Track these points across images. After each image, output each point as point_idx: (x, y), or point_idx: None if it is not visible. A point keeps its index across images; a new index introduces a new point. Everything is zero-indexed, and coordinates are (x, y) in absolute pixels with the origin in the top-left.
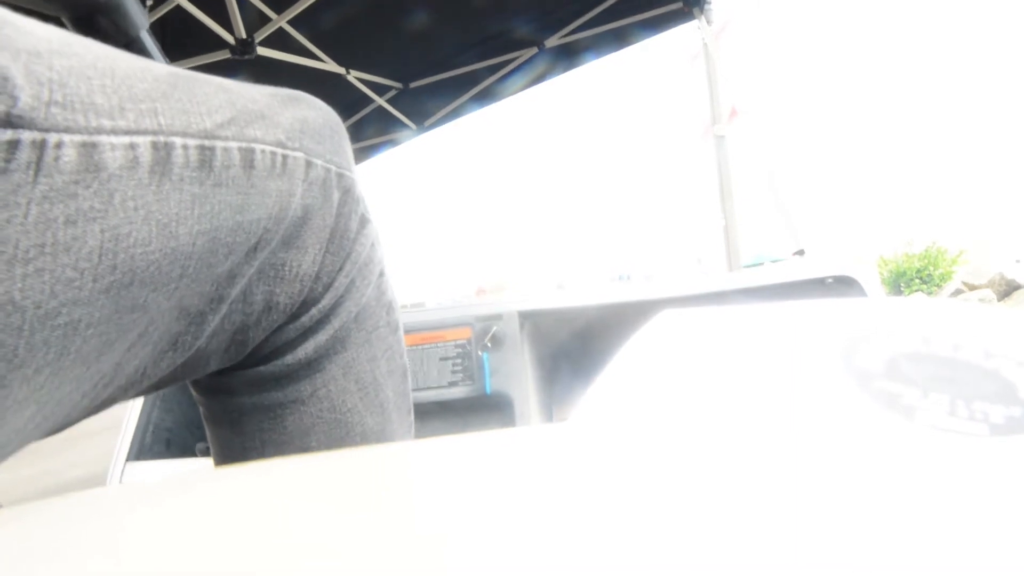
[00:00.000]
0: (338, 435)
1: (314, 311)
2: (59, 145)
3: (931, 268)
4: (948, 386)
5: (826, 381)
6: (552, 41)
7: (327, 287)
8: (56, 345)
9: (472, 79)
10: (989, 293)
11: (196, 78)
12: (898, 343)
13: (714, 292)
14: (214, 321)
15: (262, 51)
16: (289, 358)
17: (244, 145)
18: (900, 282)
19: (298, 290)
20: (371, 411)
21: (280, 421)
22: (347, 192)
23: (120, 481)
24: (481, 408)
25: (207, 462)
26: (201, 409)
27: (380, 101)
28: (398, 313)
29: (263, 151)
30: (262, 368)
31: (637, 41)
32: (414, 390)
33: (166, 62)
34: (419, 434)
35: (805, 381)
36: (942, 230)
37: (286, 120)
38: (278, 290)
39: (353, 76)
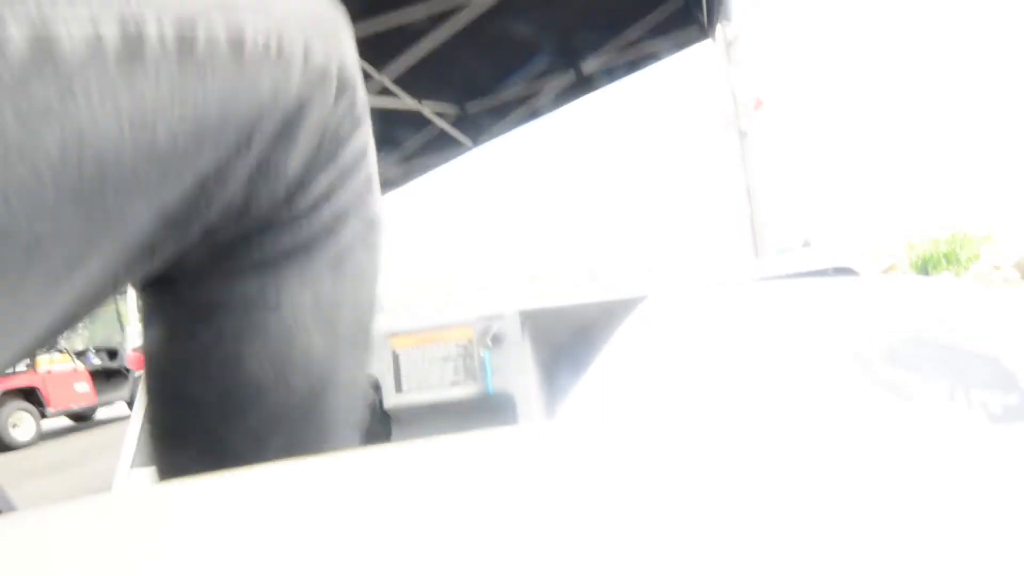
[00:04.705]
0: (274, 348)
1: (283, 211)
2: (3, 27)
3: (958, 251)
4: (948, 373)
5: (827, 367)
6: (587, 64)
7: (305, 186)
8: (17, 265)
9: (519, 100)
10: (1013, 273)
11: None
12: (899, 328)
13: (715, 285)
14: (196, 227)
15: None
16: (242, 256)
17: (233, 30)
18: (927, 266)
19: (282, 188)
20: (321, 331)
21: (215, 322)
22: (344, 86)
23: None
24: (483, 408)
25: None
26: (140, 314)
27: (441, 123)
28: (381, 235)
29: (254, 38)
30: (212, 264)
31: (659, 60)
32: (415, 391)
33: None
34: (421, 434)
35: (806, 367)
36: (968, 214)
37: (280, 6)
38: (261, 188)
39: (424, 107)
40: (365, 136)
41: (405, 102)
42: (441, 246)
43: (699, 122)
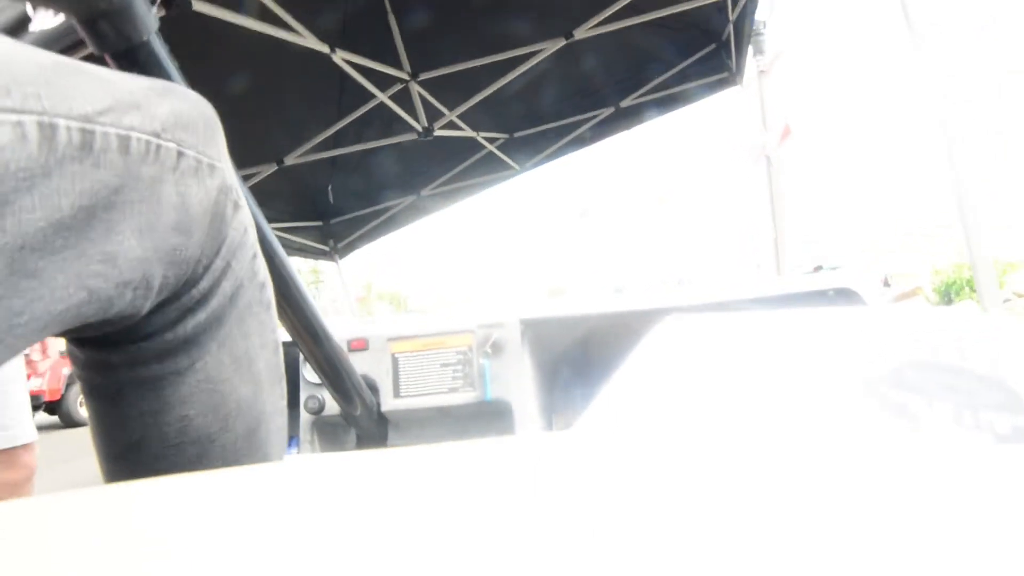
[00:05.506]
0: (214, 403)
1: (194, 292)
2: None
3: None
4: (954, 395)
5: (833, 389)
6: (626, 102)
7: (206, 269)
8: None
9: (563, 131)
10: None
11: (78, 68)
12: (904, 351)
13: (716, 303)
14: (117, 303)
15: (437, 133)
16: (169, 336)
17: (121, 132)
18: (951, 291)
19: (183, 271)
20: (244, 381)
21: (159, 392)
22: (218, 180)
23: None
24: (481, 415)
25: None
26: (81, 384)
27: (491, 148)
28: (270, 292)
29: (139, 139)
30: (143, 344)
31: (692, 102)
32: (413, 395)
33: (175, 66)
34: (418, 440)
35: (812, 389)
36: (995, 242)
37: (162, 112)
38: (169, 272)
39: (480, 135)
40: (246, 216)
41: (466, 132)
42: (469, 263)
43: (729, 147)
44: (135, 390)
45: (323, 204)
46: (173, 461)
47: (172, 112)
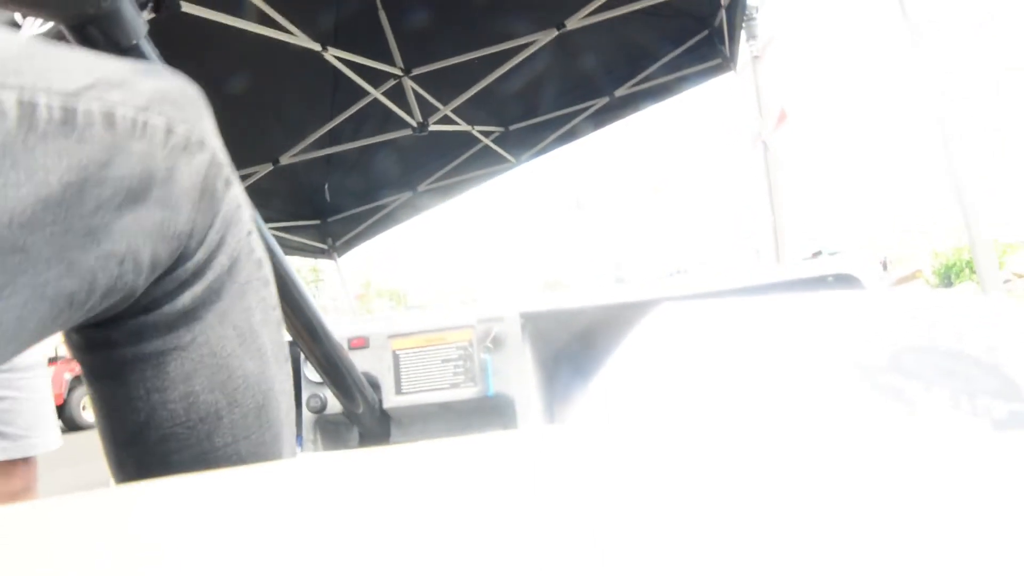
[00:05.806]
0: (220, 378)
1: (189, 264)
2: None
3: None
4: (951, 380)
5: (830, 375)
6: (620, 91)
7: (200, 242)
8: None
9: (558, 122)
10: None
11: (59, 49)
12: (902, 336)
13: (715, 291)
14: (105, 280)
15: (432, 127)
16: (168, 308)
17: (105, 108)
18: (951, 273)
19: (176, 246)
20: (250, 356)
21: (163, 368)
22: (208, 156)
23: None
24: (483, 410)
25: None
26: (83, 370)
27: (486, 141)
28: (268, 269)
29: (124, 115)
30: (143, 318)
31: (686, 90)
32: (414, 392)
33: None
34: (421, 436)
35: (809, 375)
36: (994, 224)
37: (146, 88)
38: (160, 247)
39: (475, 129)
40: (237, 194)
41: (461, 126)
42: (466, 258)
43: (726, 133)
44: (138, 367)
45: (320, 203)
46: (182, 441)
47: (157, 89)
